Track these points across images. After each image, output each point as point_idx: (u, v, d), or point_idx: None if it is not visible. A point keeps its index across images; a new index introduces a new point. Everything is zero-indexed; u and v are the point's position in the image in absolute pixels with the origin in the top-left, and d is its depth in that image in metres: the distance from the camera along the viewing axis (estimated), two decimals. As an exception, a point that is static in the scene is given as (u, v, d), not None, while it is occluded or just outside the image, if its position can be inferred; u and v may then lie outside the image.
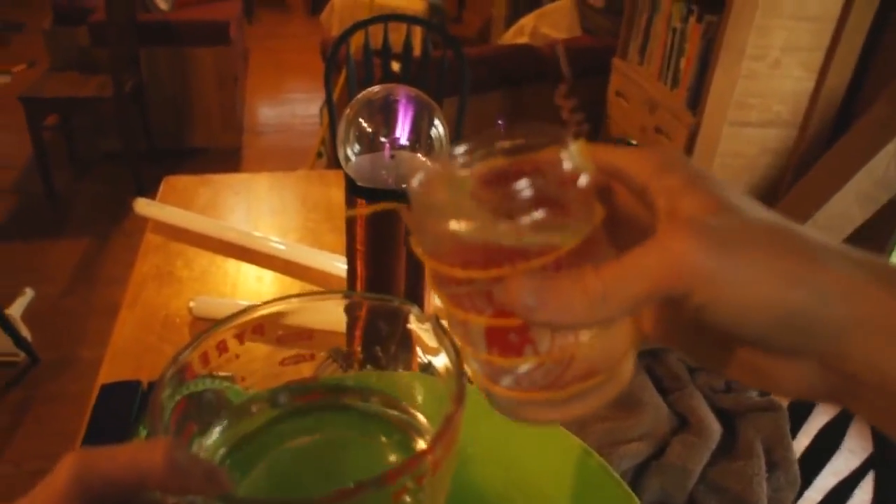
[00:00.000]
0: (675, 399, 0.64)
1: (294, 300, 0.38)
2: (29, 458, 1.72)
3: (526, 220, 0.24)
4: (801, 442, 0.76)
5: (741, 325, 0.23)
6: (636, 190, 0.27)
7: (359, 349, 0.41)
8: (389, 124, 0.51)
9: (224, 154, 3.41)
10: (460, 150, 0.26)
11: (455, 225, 0.24)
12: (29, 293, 2.22)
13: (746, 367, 0.27)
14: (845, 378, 0.24)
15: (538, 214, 0.24)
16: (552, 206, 0.24)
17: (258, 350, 0.38)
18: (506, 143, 0.25)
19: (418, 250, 0.27)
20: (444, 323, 0.35)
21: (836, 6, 1.82)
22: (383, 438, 0.39)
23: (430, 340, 0.36)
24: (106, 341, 0.77)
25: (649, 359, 0.67)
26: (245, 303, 0.82)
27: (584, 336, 0.26)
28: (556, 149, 0.25)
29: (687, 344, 0.29)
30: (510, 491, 0.47)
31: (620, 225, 0.28)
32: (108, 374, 0.71)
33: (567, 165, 0.25)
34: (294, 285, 0.88)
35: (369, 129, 0.50)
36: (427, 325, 0.36)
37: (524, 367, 0.26)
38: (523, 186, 0.24)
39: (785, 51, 1.87)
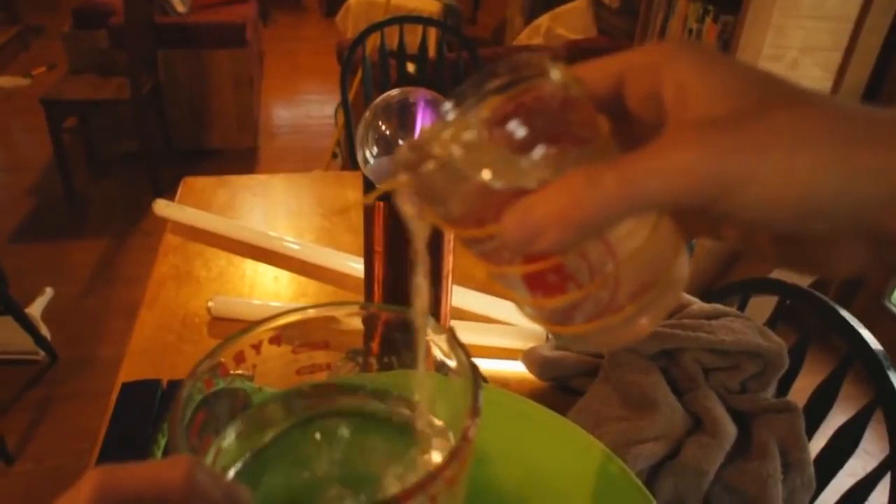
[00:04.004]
0: (690, 400, 0.64)
1: (311, 310, 0.38)
2: (49, 455, 1.74)
3: (535, 154, 0.23)
4: (817, 443, 0.76)
5: (767, 221, 0.22)
6: (645, 90, 0.25)
7: (375, 352, 0.42)
8: (407, 126, 0.51)
9: (240, 155, 3.43)
10: (448, 107, 0.25)
11: (472, 173, 0.23)
12: (48, 292, 2.25)
13: (787, 252, 0.26)
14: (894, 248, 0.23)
15: (540, 149, 0.23)
16: (556, 137, 0.23)
17: (275, 360, 0.38)
18: (492, 85, 0.24)
19: (436, 219, 0.26)
20: (459, 337, 0.35)
21: (854, 6, 1.80)
22: (399, 443, 0.39)
23: (445, 347, 0.36)
24: (124, 340, 0.78)
25: (664, 360, 0.67)
26: (260, 302, 0.83)
27: (622, 254, 0.25)
28: (541, 79, 0.24)
29: (716, 235, 0.28)
30: (527, 490, 0.47)
31: (639, 137, 0.25)
32: (129, 372, 0.72)
33: (557, 91, 0.24)
34: (310, 285, 0.89)
35: (387, 132, 0.50)
36: (443, 337, 0.36)
37: (572, 302, 0.26)
38: (518, 125, 0.23)
39: (803, 51, 1.86)
